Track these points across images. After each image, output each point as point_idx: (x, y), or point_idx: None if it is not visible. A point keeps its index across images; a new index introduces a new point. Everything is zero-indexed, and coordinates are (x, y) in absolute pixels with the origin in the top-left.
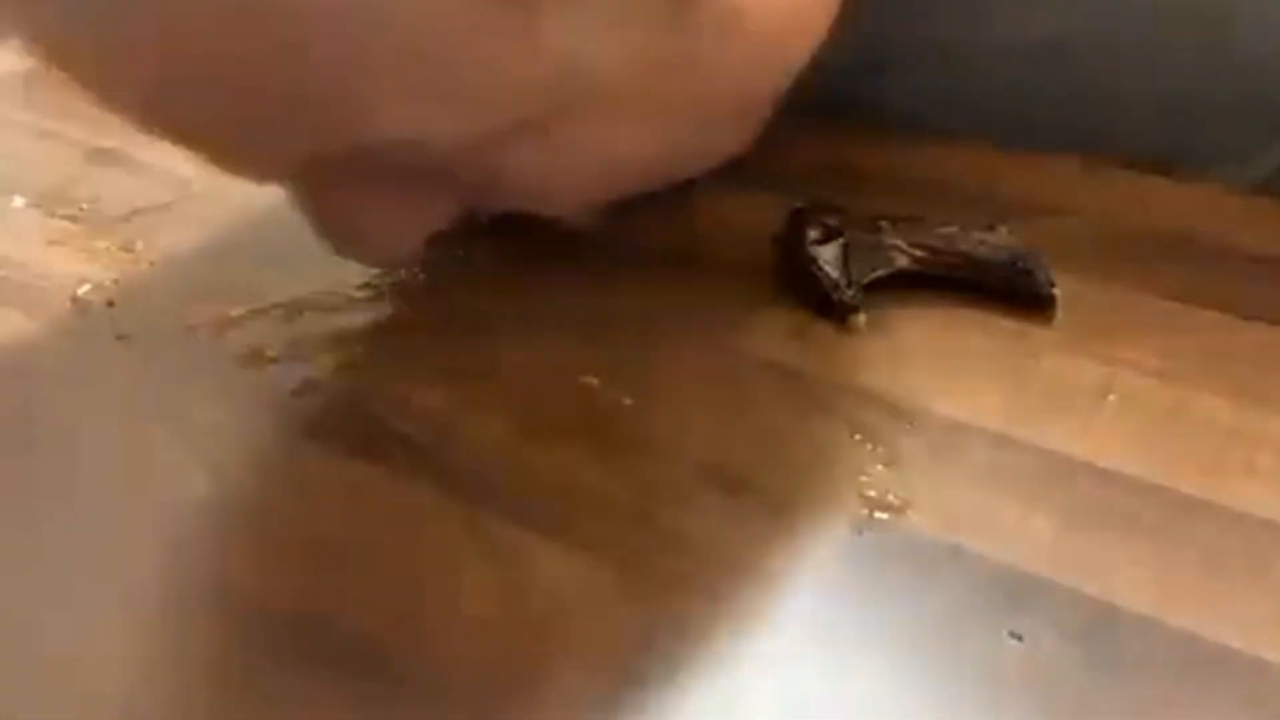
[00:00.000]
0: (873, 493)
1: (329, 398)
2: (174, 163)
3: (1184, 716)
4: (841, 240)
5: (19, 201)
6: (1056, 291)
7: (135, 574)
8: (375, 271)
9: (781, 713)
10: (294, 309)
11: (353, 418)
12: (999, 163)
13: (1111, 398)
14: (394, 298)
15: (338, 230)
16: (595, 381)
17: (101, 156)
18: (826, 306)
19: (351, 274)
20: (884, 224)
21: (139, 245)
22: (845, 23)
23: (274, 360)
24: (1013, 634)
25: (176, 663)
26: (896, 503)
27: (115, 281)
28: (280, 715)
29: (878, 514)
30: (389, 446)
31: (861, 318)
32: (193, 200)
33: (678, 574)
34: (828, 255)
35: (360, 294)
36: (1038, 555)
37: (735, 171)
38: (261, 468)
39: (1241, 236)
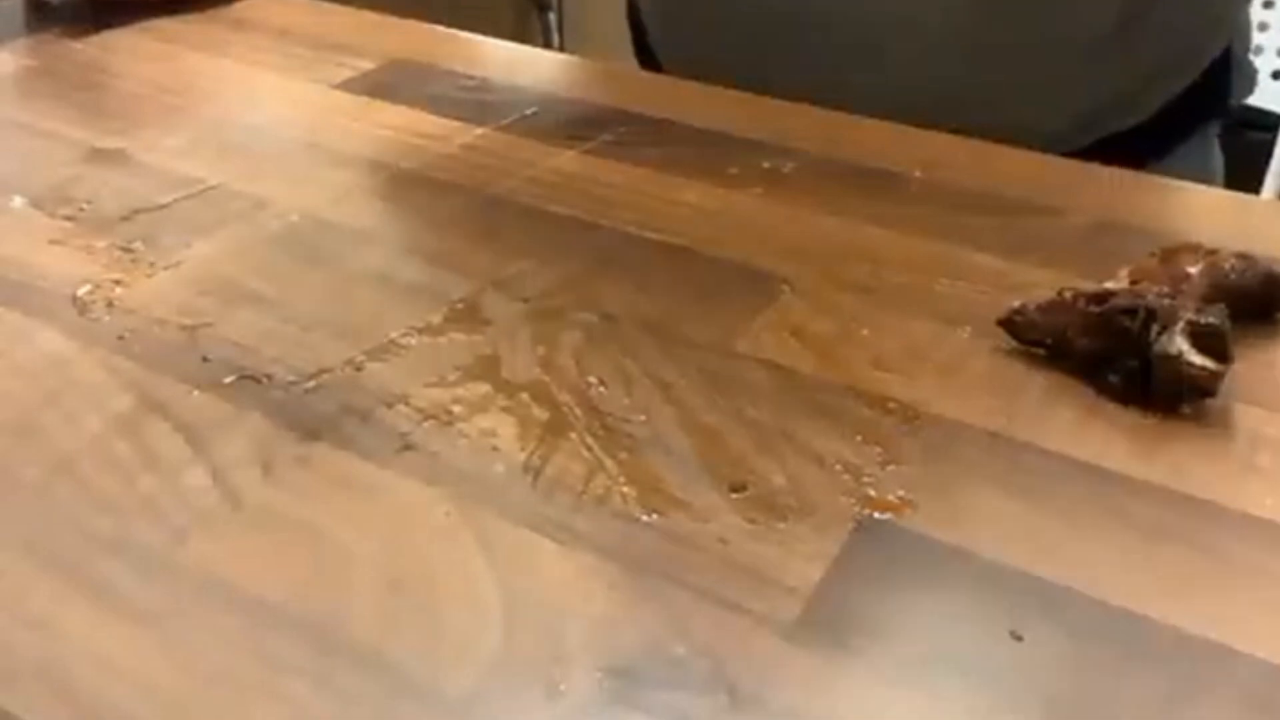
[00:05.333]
0: (873, 493)
1: (329, 398)
2: (174, 163)
3: (1184, 716)
4: (1182, 323)
5: (19, 201)
6: None
7: (135, 574)
8: (373, 268)
9: (782, 711)
10: (294, 308)
11: (352, 418)
12: (999, 162)
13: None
14: (394, 298)
15: None
16: (595, 381)
17: (101, 156)
18: (1178, 396)
19: (349, 271)
20: (1152, 290)
21: (139, 245)
22: None
23: (274, 360)
24: (1013, 634)
25: (176, 661)
26: (896, 503)
27: (115, 281)
28: (279, 714)
29: (878, 514)
30: (389, 446)
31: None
32: (193, 200)
33: (677, 574)
34: (1180, 344)
35: (361, 290)
36: (1038, 555)
37: (733, 169)
38: (261, 468)
39: (1243, 239)
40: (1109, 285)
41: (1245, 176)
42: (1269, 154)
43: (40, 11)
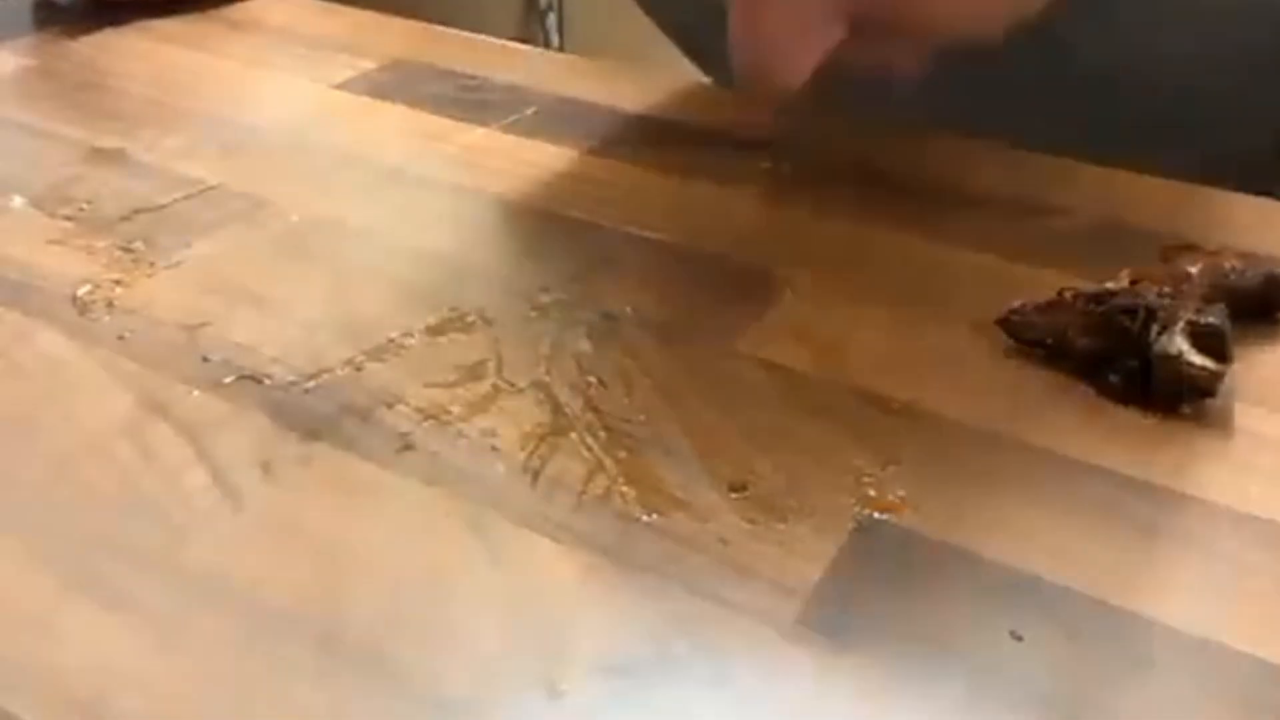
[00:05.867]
0: (873, 493)
1: (329, 398)
2: (174, 163)
3: (1184, 716)
4: (1182, 323)
5: (19, 201)
6: None
7: (135, 574)
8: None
9: (782, 711)
10: (294, 308)
11: (352, 417)
12: (999, 163)
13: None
14: (394, 298)
15: (751, 38)
16: (595, 381)
17: (101, 156)
18: (1178, 396)
19: (349, 271)
20: (1151, 289)
21: (139, 245)
22: None
23: (274, 360)
24: (1013, 634)
25: (174, 662)
26: (896, 503)
27: (115, 281)
28: (280, 714)
29: (878, 514)
30: (389, 446)
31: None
32: (193, 200)
33: (677, 574)
34: (1180, 344)
35: (361, 290)
36: (1038, 555)
37: (733, 169)
38: (261, 468)
39: (1244, 238)
40: (1109, 285)
41: None
42: None
43: (45, 10)
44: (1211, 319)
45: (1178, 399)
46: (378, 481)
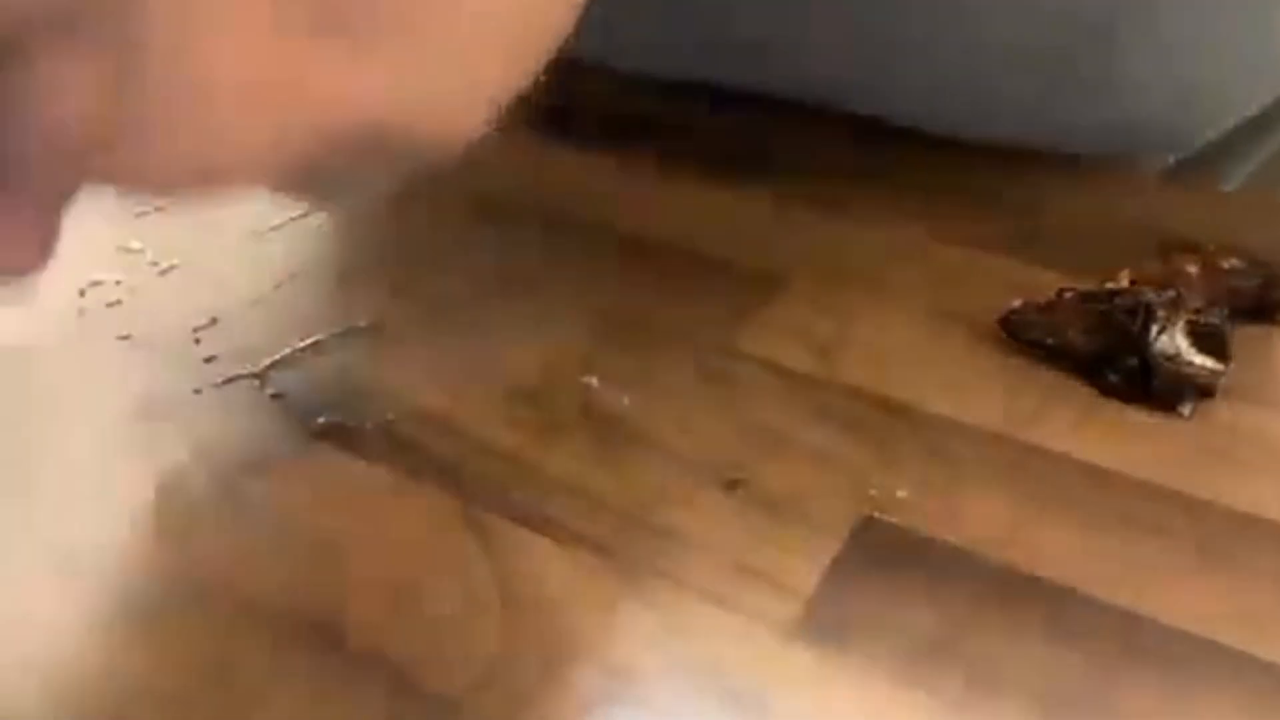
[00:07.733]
0: (873, 492)
1: (329, 398)
2: None
3: (1185, 716)
4: (1182, 322)
5: None
6: None
7: (135, 574)
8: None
9: (782, 711)
10: (295, 308)
11: (353, 417)
12: (1000, 164)
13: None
14: (394, 298)
15: None
16: (595, 381)
17: None
18: (1178, 396)
19: (350, 271)
20: (1152, 292)
21: (139, 245)
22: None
23: (274, 360)
24: (1010, 632)
25: (175, 663)
26: (896, 503)
27: (117, 282)
28: (279, 714)
29: (878, 514)
30: (389, 446)
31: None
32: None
33: (677, 574)
34: (1180, 344)
35: (362, 290)
36: (1038, 555)
37: (734, 170)
38: (262, 468)
39: (1244, 238)
40: (1109, 285)
41: None
42: None
43: None
44: (1211, 319)
45: (1178, 399)
46: (378, 481)
